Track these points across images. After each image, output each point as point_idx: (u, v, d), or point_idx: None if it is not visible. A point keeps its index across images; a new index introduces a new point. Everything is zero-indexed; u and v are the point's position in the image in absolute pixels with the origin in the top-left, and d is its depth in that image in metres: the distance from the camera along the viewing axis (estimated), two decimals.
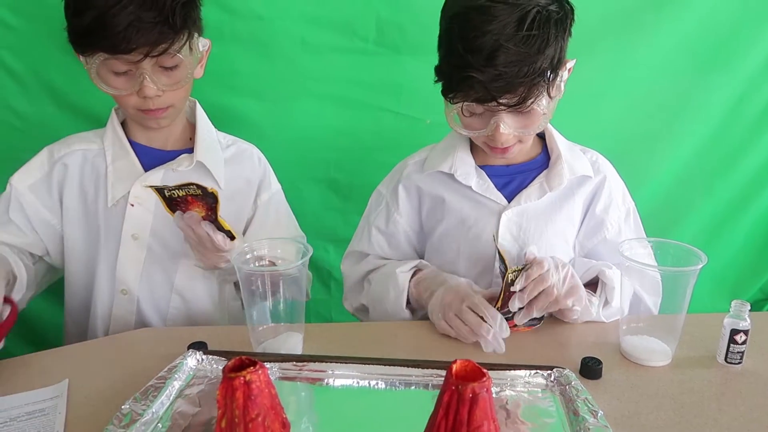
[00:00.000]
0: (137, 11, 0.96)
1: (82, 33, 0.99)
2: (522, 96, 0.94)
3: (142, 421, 0.72)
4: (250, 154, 1.25)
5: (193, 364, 0.86)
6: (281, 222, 1.27)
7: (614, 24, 1.46)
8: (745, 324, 0.91)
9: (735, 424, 0.79)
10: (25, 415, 0.80)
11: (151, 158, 1.16)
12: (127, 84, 1.04)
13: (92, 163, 1.15)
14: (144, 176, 1.13)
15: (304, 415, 0.78)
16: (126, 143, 1.15)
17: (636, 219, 1.17)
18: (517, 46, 0.91)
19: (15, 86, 1.39)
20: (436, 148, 1.18)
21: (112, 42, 0.97)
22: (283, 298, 0.89)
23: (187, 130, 1.20)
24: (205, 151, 1.16)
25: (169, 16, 0.99)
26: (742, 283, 1.74)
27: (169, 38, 1.01)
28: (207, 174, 1.17)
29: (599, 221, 1.13)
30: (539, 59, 0.93)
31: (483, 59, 0.91)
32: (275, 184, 1.27)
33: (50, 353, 0.97)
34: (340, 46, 1.44)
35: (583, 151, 1.16)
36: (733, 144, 1.60)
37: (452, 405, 0.64)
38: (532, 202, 1.10)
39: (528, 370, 0.85)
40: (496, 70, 0.91)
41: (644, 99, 1.54)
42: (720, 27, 1.48)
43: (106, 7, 0.95)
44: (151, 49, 0.99)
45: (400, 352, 0.93)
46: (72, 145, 1.16)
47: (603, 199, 1.13)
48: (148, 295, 1.17)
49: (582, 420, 0.73)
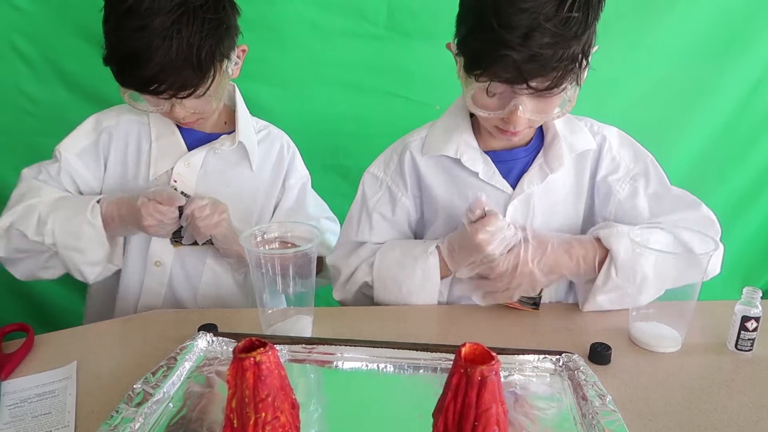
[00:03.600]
0: (163, 60, 0.98)
1: (114, 67, 1.03)
2: (554, 81, 0.90)
3: (153, 400, 0.73)
4: (281, 139, 1.29)
5: (203, 346, 0.87)
6: (305, 204, 1.29)
7: (628, 9, 1.44)
8: (756, 311, 0.90)
9: (744, 411, 0.79)
10: (35, 397, 0.81)
11: (194, 139, 1.19)
12: (158, 103, 1.07)
13: (137, 136, 1.18)
14: (187, 155, 1.17)
15: (313, 397, 0.79)
16: (172, 123, 1.18)
17: (657, 172, 1.10)
18: (556, 27, 0.86)
19: (27, 70, 1.40)
20: (435, 127, 1.13)
21: (141, 85, 1.02)
22: (293, 281, 0.89)
23: (223, 114, 1.23)
24: (245, 134, 1.20)
25: (195, 61, 1.00)
26: (754, 271, 1.72)
27: (196, 81, 1.03)
28: (244, 155, 1.21)
29: (607, 188, 1.09)
30: (575, 43, 0.88)
31: (519, 37, 0.86)
32: (303, 169, 1.30)
33: (60, 334, 0.98)
34: (350, 31, 1.44)
35: (580, 120, 1.12)
36: (747, 132, 1.58)
37: (461, 388, 0.64)
38: (536, 186, 1.07)
39: (537, 355, 0.85)
40: (531, 50, 0.86)
41: (658, 86, 1.53)
42: (735, 13, 1.46)
43: (135, 50, 0.98)
44: (177, 92, 1.03)
45: (408, 336, 0.94)
46: (119, 116, 1.19)
47: (605, 165, 1.09)
48: (180, 270, 1.21)
49: (590, 404, 0.73)
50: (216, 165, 1.19)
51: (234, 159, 1.21)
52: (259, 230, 0.94)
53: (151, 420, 0.72)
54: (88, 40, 1.07)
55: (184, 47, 0.98)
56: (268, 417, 0.65)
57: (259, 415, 0.64)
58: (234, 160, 1.21)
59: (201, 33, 1.00)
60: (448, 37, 1.03)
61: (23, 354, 0.90)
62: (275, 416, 0.65)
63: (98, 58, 1.06)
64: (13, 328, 0.97)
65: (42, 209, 1.09)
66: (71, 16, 1.34)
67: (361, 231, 1.14)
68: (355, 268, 1.13)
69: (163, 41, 0.97)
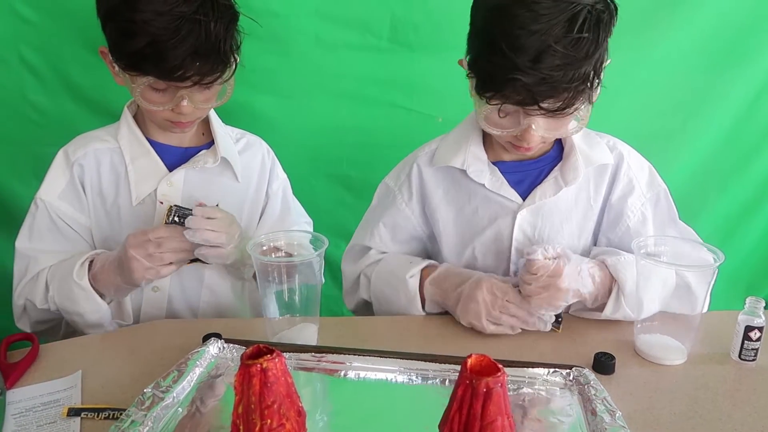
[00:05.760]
0: (195, 43, 0.96)
1: (135, 56, 0.98)
2: (566, 102, 0.90)
3: (162, 404, 0.74)
4: (260, 146, 1.26)
5: (215, 352, 0.87)
6: (290, 210, 1.28)
7: (629, 22, 1.43)
8: (759, 321, 0.90)
9: (749, 420, 0.79)
10: (40, 406, 0.81)
11: (171, 155, 1.16)
12: (164, 99, 1.04)
13: (110, 163, 1.14)
14: (168, 176, 1.14)
15: (319, 405, 0.79)
16: (145, 142, 1.15)
17: (668, 203, 1.11)
18: (566, 48, 0.86)
19: (33, 80, 1.41)
20: (446, 139, 1.14)
21: (167, 70, 0.98)
22: (299, 290, 0.90)
23: (200, 126, 1.20)
24: (225, 147, 1.18)
25: (221, 48, 1.00)
26: (757, 282, 1.72)
27: (220, 69, 1.03)
28: (226, 166, 1.18)
29: (618, 210, 1.09)
30: (586, 64, 0.88)
31: (529, 60, 0.86)
32: (282, 173, 1.29)
33: (64, 344, 0.99)
34: (354, 44, 1.45)
35: (599, 136, 1.12)
36: (748, 143, 1.59)
37: (466, 399, 0.64)
38: (548, 198, 1.06)
39: (546, 369, 0.84)
40: (542, 73, 0.86)
41: (659, 97, 1.54)
42: (735, 25, 1.48)
43: (163, 36, 0.95)
44: (202, 78, 1.01)
45: (413, 346, 0.94)
46: (86, 146, 1.14)
47: (621, 186, 1.08)
48: (179, 292, 1.18)
49: (600, 419, 0.72)
50: (199, 181, 1.16)
51: (216, 171, 1.18)
52: (266, 238, 0.94)
53: (160, 424, 0.72)
54: (94, 51, 1.07)
55: (211, 32, 0.97)
56: (273, 424, 0.65)
57: (264, 422, 0.65)
58: (216, 173, 1.18)
59: (222, 20, 0.99)
60: (450, 50, 1.04)
61: (28, 363, 0.90)
62: (281, 423, 0.65)
63: (104, 68, 1.06)
64: (18, 337, 0.98)
65: (46, 276, 1.08)
66: (78, 27, 1.35)
67: (368, 237, 1.18)
68: (356, 278, 1.18)
69: (192, 26, 0.95)
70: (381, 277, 1.12)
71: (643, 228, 1.08)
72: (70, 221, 1.13)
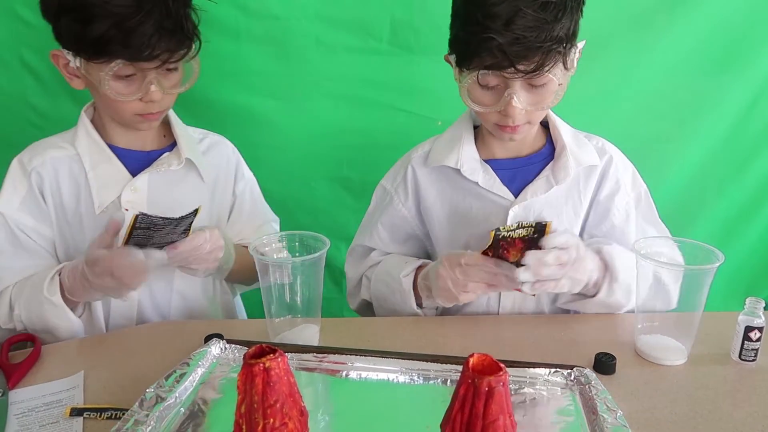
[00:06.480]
0: (159, 19, 0.96)
1: (100, 41, 0.95)
2: (539, 63, 0.95)
3: (165, 404, 0.74)
4: (225, 146, 1.25)
5: (217, 352, 0.88)
6: (257, 209, 1.28)
7: (627, 24, 1.47)
8: (759, 321, 0.91)
9: (749, 420, 0.79)
10: (43, 406, 0.81)
11: (133, 161, 1.13)
12: (132, 88, 1.01)
13: (69, 171, 1.10)
14: (132, 182, 1.10)
15: (321, 405, 0.79)
16: (105, 148, 1.11)
17: (648, 203, 1.16)
18: (535, 12, 0.93)
19: (35, 84, 1.42)
20: (439, 140, 1.17)
21: (136, 50, 0.96)
22: (300, 290, 0.90)
23: (160, 128, 1.17)
24: (188, 148, 1.15)
25: (184, 24, 1.00)
26: (756, 284, 1.73)
27: (186, 45, 1.02)
28: (190, 167, 1.16)
29: (605, 208, 1.12)
30: (556, 27, 0.94)
31: (501, 24, 0.93)
32: (248, 172, 1.27)
33: (66, 345, 0.99)
34: (354, 47, 1.46)
35: (588, 137, 1.15)
36: (746, 145, 1.59)
37: (468, 398, 0.64)
38: (539, 196, 1.09)
39: (547, 369, 0.84)
40: (514, 33, 0.93)
41: (657, 99, 1.54)
42: (733, 28, 1.48)
43: (126, 15, 0.94)
44: (170, 56, 1.00)
45: (415, 346, 0.94)
46: (43, 153, 1.10)
47: (608, 185, 1.12)
48: (148, 300, 1.14)
49: (601, 419, 0.72)
50: (163, 185, 1.13)
51: (180, 173, 1.14)
52: (267, 239, 0.95)
53: (162, 424, 0.72)
54: None
55: (170, 8, 0.97)
56: (276, 423, 0.65)
57: (267, 421, 0.65)
58: (180, 175, 1.14)
59: None
60: None
61: (30, 364, 0.90)
62: (283, 422, 0.65)
63: None
64: (20, 338, 0.98)
65: (10, 294, 1.04)
66: None
67: (368, 238, 1.20)
68: (358, 279, 1.20)
69: (152, 3, 0.95)
70: (379, 278, 1.15)
71: (626, 225, 1.12)
72: (32, 234, 1.08)
